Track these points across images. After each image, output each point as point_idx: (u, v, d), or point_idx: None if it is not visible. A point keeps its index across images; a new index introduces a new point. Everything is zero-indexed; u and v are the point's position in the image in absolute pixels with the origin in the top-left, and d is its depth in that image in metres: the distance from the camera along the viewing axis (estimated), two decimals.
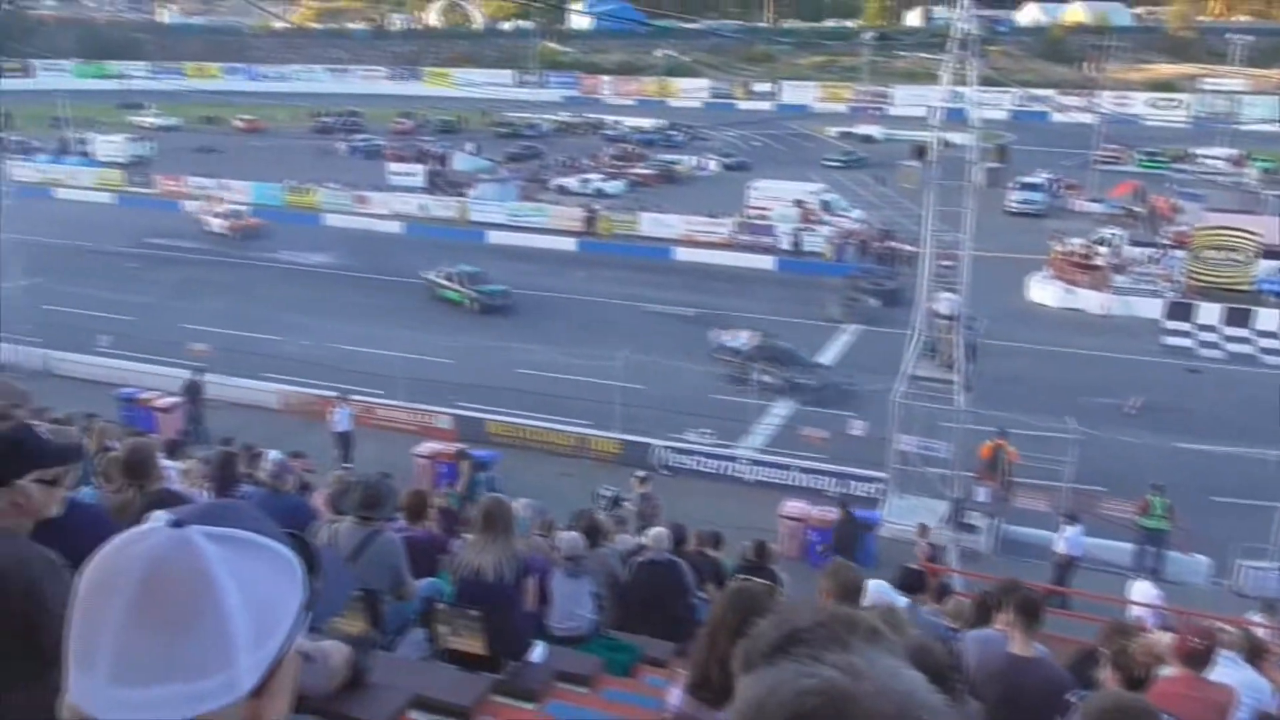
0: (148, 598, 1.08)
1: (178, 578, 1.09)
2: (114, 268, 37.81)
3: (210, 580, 1.09)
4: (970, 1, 18.09)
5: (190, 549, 1.11)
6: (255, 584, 1.13)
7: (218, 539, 1.13)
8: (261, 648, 1.13)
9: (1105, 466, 19.83)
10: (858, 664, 1.02)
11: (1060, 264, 36.27)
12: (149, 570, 1.09)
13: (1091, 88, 79.00)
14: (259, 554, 1.17)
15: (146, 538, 1.13)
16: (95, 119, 69.21)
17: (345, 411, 21.68)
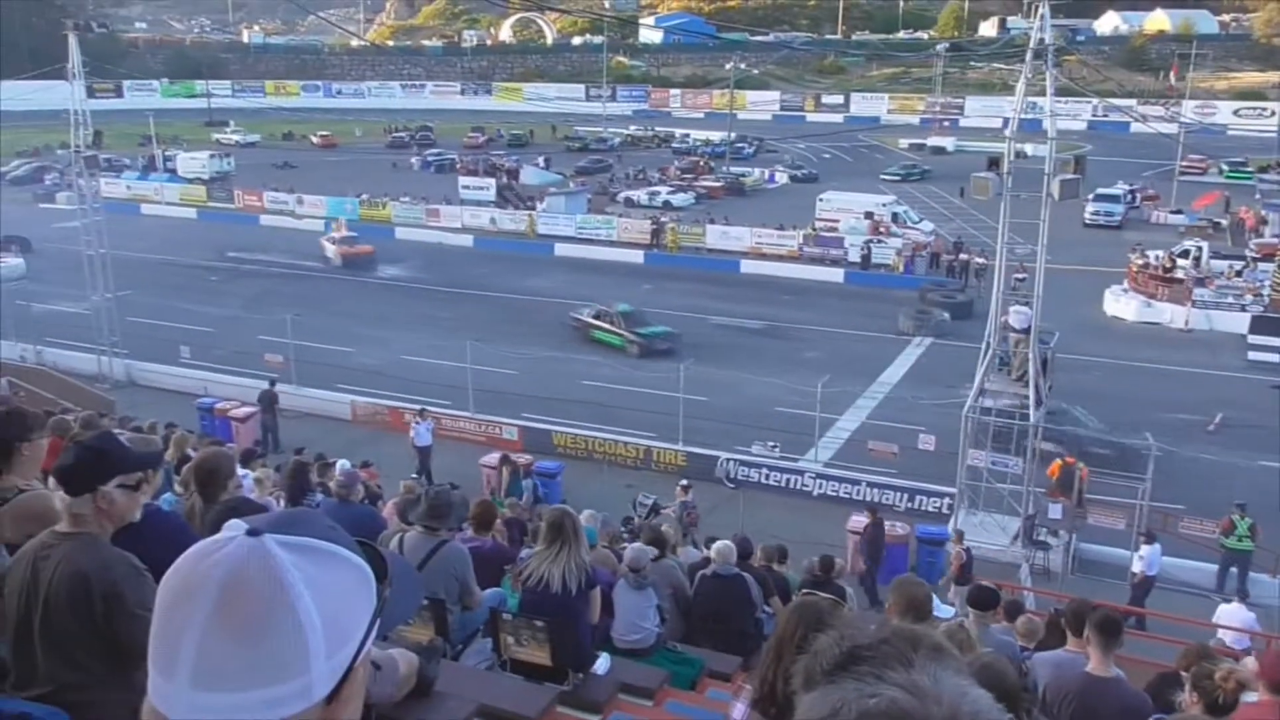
0: (226, 605, 1.11)
1: (255, 586, 1.12)
2: (195, 280, 38.91)
3: (286, 588, 1.12)
4: (1046, 10, 17.76)
5: (267, 557, 1.14)
6: (329, 592, 1.15)
7: (292, 548, 1.16)
8: (336, 655, 1.15)
9: (1186, 485, 19.28)
10: (922, 683, 1.00)
11: (1139, 277, 35.36)
12: (227, 578, 1.12)
13: (1174, 97, 77.08)
14: (332, 562, 1.19)
15: (224, 546, 1.16)
16: (180, 136, 71.44)
17: (426, 425, 21.92)
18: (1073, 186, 18.62)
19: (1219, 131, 71.20)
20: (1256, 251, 37.94)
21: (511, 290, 37.63)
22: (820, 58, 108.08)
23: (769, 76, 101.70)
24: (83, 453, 2.94)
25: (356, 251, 42.01)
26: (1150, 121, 58.13)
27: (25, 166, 62.80)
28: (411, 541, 6.21)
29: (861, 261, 40.40)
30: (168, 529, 3.57)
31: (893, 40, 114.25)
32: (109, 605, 2.81)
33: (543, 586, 6.00)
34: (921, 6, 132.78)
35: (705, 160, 65.57)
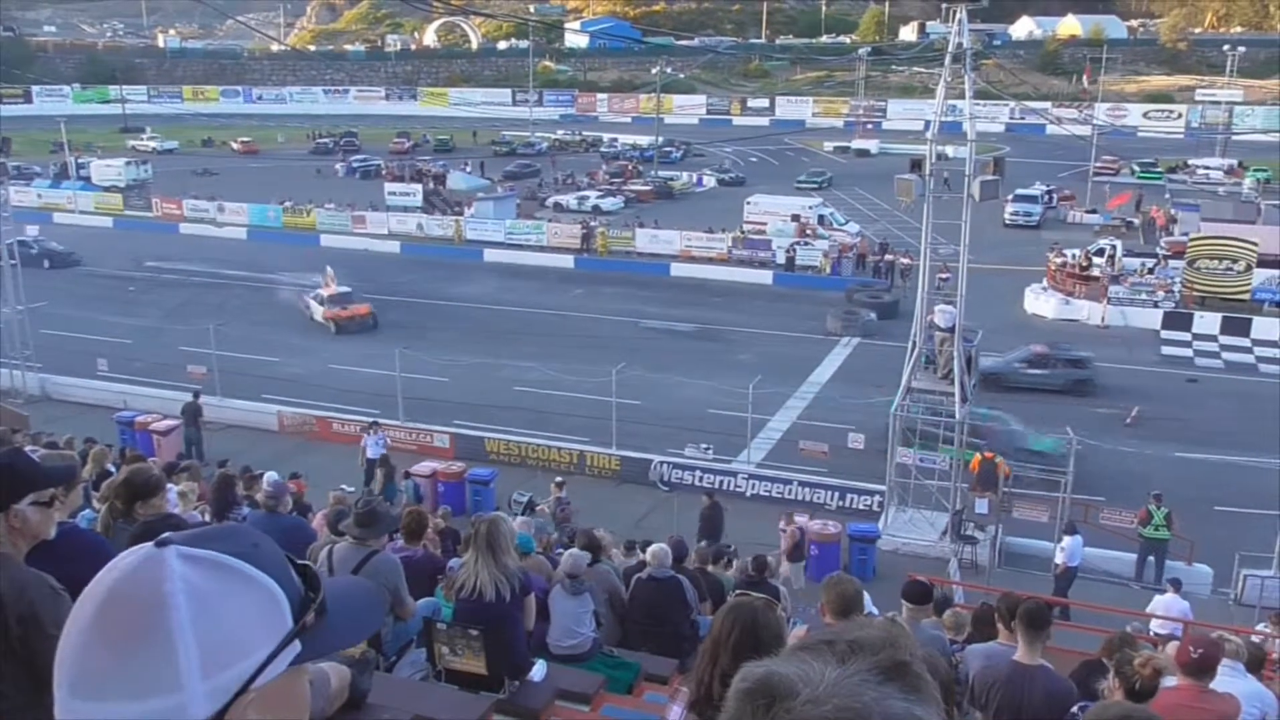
0: (106, 613, 1.08)
1: (135, 594, 1.08)
2: (112, 291, 37.86)
3: (164, 599, 1.07)
4: (964, 15, 18.16)
5: (157, 568, 1.10)
6: (218, 610, 1.10)
7: (195, 561, 1.11)
8: (216, 676, 1.08)
9: (1105, 477, 19.83)
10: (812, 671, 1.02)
11: (1057, 275, 36.34)
12: (113, 585, 1.09)
13: (1087, 99, 79.40)
14: (235, 580, 1.13)
15: (130, 556, 1.13)
16: (94, 143, 69.47)
17: (378, 438, 21.56)
18: (992, 187, 19.05)
19: (1130, 133, 73.58)
20: (1167, 249, 39.23)
21: (441, 296, 37.30)
22: (745, 62, 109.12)
23: (695, 80, 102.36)
24: None
25: (351, 314, 33.05)
26: (1065, 123, 59.92)
27: None
28: (341, 553, 6.12)
29: (788, 263, 40.86)
30: (85, 546, 3.47)
31: (816, 44, 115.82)
32: (25, 628, 2.71)
33: (476, 595, 5.95)
34: (843, 11, 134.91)
35: (634, 164, 65.77)
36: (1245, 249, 33.20)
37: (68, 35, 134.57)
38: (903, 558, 18.15)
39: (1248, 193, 52.68)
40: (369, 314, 33.14)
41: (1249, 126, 73.08)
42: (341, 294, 33.71)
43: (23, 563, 2.87)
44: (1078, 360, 27.72)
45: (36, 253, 37.94)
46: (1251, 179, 57.22)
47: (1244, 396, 27.37)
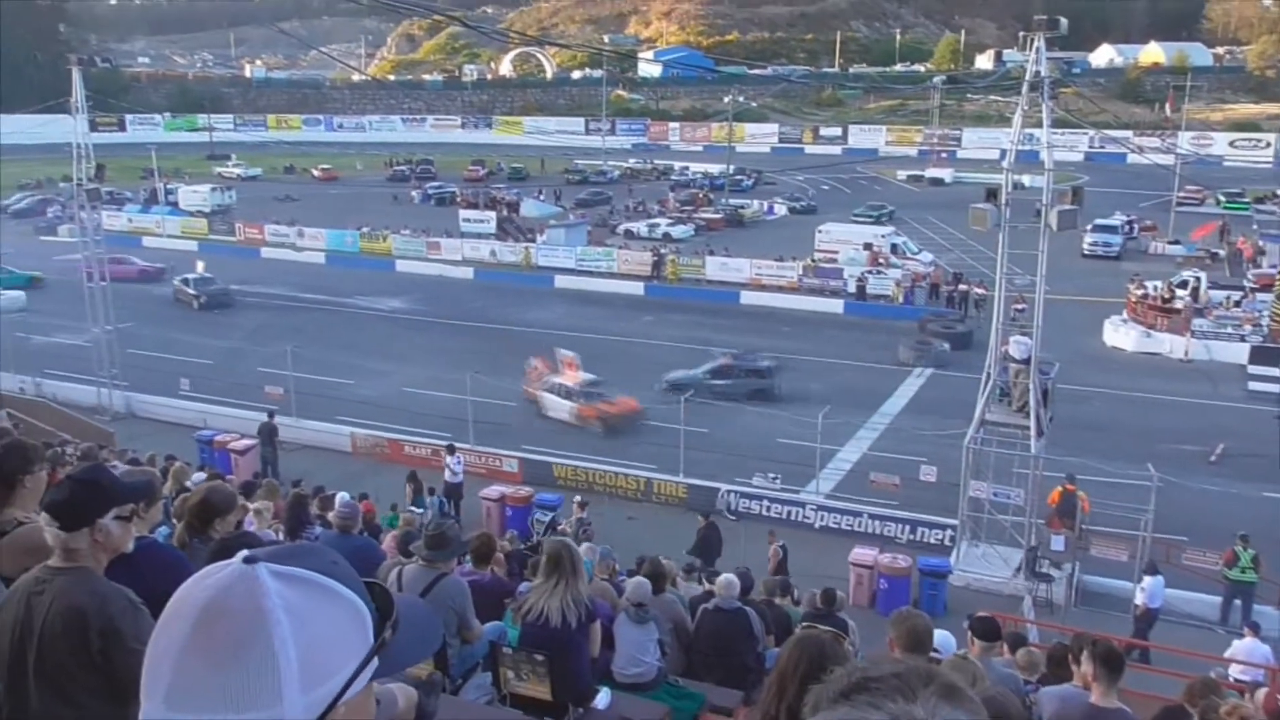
0: (204, 627, 1.10)
1: (234, 610, 1.11)
2: (196, 313, 38.97)
3: (264, 615, 1.11)
4: (1042, 44, 17.91)
5: (253, 584, 1.13)
6: (313, 626, 1.14)
7: (285, 578, 1.15)
8: (313, 690, 1.12)
9: (1188, 516, 19.19)
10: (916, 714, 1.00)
11: (1138, 307, 35.43)
12: (210, 601, 1.12)
13: (1170, 128, 77.59)
14: (325, 597, 1.17)
15: (221, 571, 1.16)
16: (182, 170, 71.83)
17: (458, 461, 21.63)
18: (1070, 217, 18.68)
19: (1215, 163, 71.62)
20: (1254, 282, 38.02)
21: (511, 322, 37.68)
22: (818, 90, 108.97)
23: (768, 109, 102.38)
24: (77, 486, 2.92)
25: (620, 410, 26.41)
26: (1147, 152, 58.52)
27: (27, 199, 63.14)
28: (411, 574, 6.18)
29: (860, 292, 40.50)
30: (165, 561, 3.55)
31: (890, 73, 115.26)
32: (106, 640, 2.78)
33: (542, 620, 5.96)
34: (918, 39, 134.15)
35: (704, 192, 65.92)
36: None
37: (160, 66, 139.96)
38: (974, 594, 17.75)
39: None
40: (638, 410, 26.38)
41: None
42: (591, 383, 27.44)
43: (103, 576, 2.95)
44: (759, 370, 29.54)
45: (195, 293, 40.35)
46: None
47: None
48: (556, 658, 5.79)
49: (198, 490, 5.71)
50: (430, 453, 24.38)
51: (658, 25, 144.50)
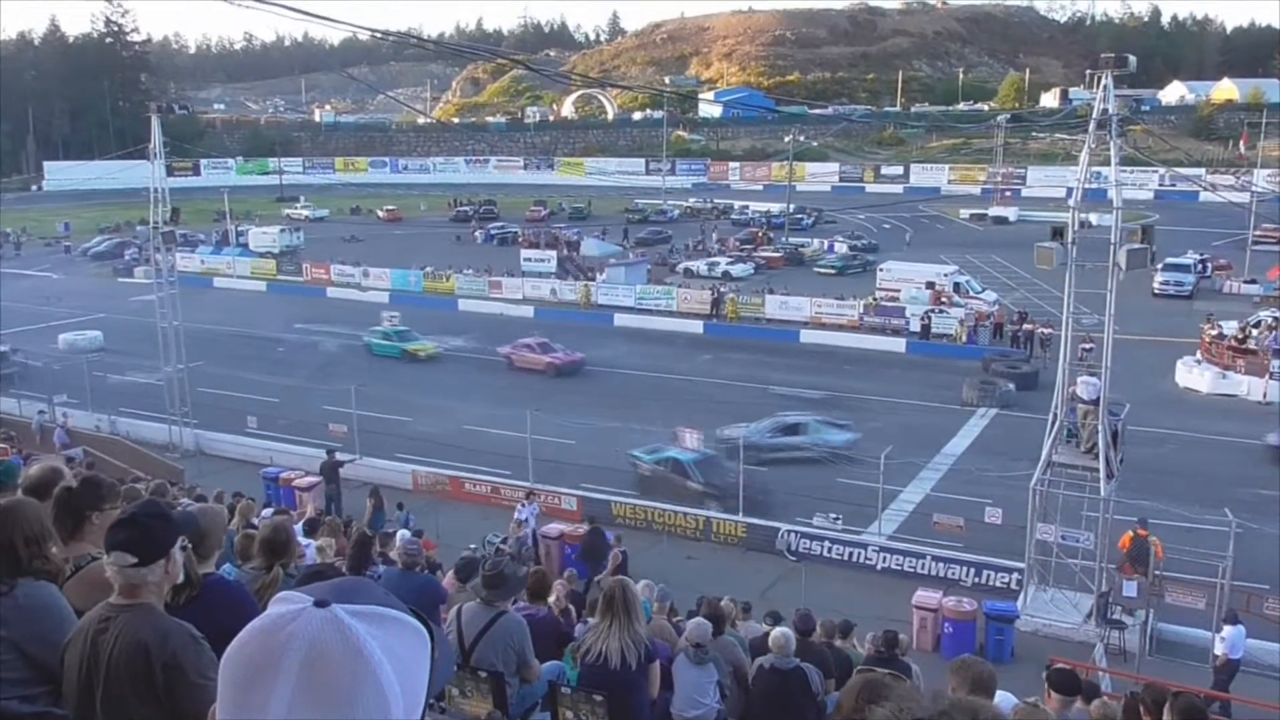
0: (311, 677, 1.14)
1: (337, 657, 1.15)
2: (264, 351, 39.81)
3: (367, 658, 1.16)
4: (1109, 81, 17.68)
5: (343, 629, 1.17)
6: (401, 658, 1.20)
7: (364, 617, 1.20)
8: (412, 715, 1.20)
9: (1269, 563, 18.50)
10: None
11: (1212, 348, 34.52)
12: (310, 650, 1.15)
13: (1244, 165, 75.96)
14: (398, 628, 1.23)
15: (298, 618, 1.18)
16: (253, 212, 73.81)
17: (531, 509, 21.22)
18: (1140, 256, 18.30)
19: None
20: None
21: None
22: (880, 129, 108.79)
23: (828, 149, 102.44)
24: (149, 520, 2.98)
25: None
26: (1220, 190, 57.27)
27: (106, 242, 65.28)
28: (469, 613, 6.19)
29: (923, 331, 40.07)
30: (229, 598, 3.60)
31: (953, 112, 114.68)
32: (169, 675, 2.82)
33: (602, 661, 5.92)
34: (981, 78, 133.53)
35: (764, 231, 65.98)
36: None
37: (234, 112, 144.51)
38: (1043, 640, 17.29)
39: None
40: None
41: None
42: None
43: (164, 611, 2.99)
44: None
45: None
46: None
47: None
48: (616, 698, 5.75)
49: (266, 527, 5.80)
50: (490, 490, 24.52)
51: (718, 66, 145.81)
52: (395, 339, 39.31)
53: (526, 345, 37.33)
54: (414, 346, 38.96)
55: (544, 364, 36.15)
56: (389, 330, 39.97)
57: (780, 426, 26.79)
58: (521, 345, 37.40)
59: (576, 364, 36.51)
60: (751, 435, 25.07)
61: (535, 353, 36.74)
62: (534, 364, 36.21)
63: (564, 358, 36.60)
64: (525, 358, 36.75)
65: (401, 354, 38.53)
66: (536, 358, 36.49)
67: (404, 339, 39.36)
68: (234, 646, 1.20)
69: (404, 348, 38.78)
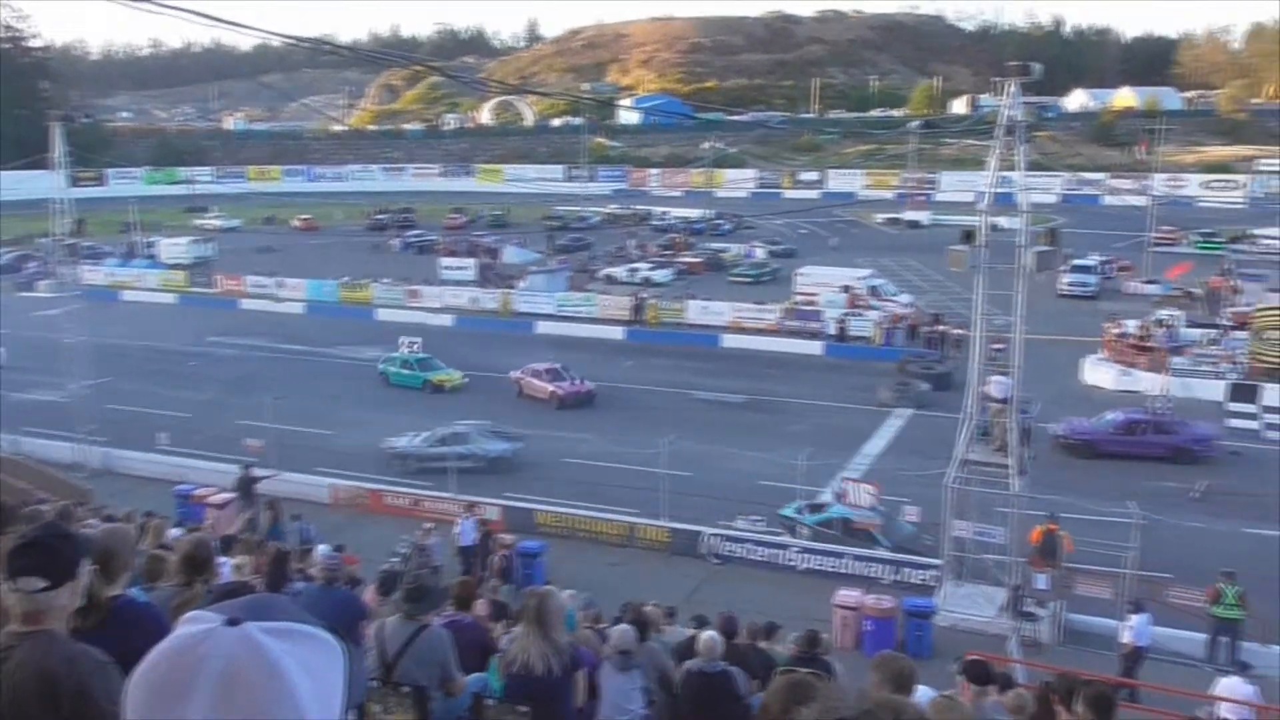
0: (228, 696, 1.12)
1: (253, 675, 1.13)
2: (174, 366, 38.77)
3: (283, 675, 1.14)
4: (1016, 89, 18.22)
5: (257, 646, 1.16)
6: (316, 672, 1.19)
7: (275, 633, 1.18)
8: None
9: (1172, 553, 19.24)
10: None
11: (1116, 346, 35.75)
12: (224, 670, 1.13)
13: (1144, 170, 78.80)
14: (313, 643, 1.22)
15: (209, 637, 1.17)
16: (162, 223, 71.79)
17: (471, 522, 20.95)
18: (1049, 258, 18.90)
19: (1188, 204, 72.70)
20: (1231, 319, 38.46)
21: (492, 368, 37.62)
22: (796, 136, 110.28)
23: (746, 155, 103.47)
24: (55, 541, 2.90)
25: None
26: (1121, 194, 59.33)
27: (6, 255, 62.85)
28: (391, 627, 6.12)
29: (840, 334, 40.74)
30: (142, 619, 3.52)
31: (867, 118, 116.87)
32: (77, 703, 2.74)
33: (525, 671, 5.91)
34: (893, 85, 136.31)
35: (684, 236, 66.45)
36: None
37: (141, 120, 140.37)
38: (960, 634, 17.69)
39: None
40: None
41: None
42: None
43: (69, 637, 2.90)
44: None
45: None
46: None
47: None
48: (541, 708, 5.74)
49: (185, 543, 5.67)
50: (411, 502, 24.24)
51: (637, 73, 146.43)
52: (416, 367, 35.54)
53: (534, 371, 34.07)
54: (439, 377, 35.16)
55: (546, 393, 32.97)
56: (408, 357, 35.99)
57: (439, 437, 26.84)
58: (530, 370, 34.17)
59: (583, 395, 32.97)
60: (411, 445, 26.76)
61: (542, 380, 33.49)
62: (539, 392, 33.22)
63: (568, 388, 33.01)
64: (533, 385, 33.63)
65: (423, 384, 34.89)
66: (542, 385, 33.31)
67: (426, 368, 35.60)
68: (143, 669, 1.17)
69: (426, 377, 35.10)
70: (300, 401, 30.55)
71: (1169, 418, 28.57)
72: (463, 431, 26.91)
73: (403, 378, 35.43)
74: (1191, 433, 27.95)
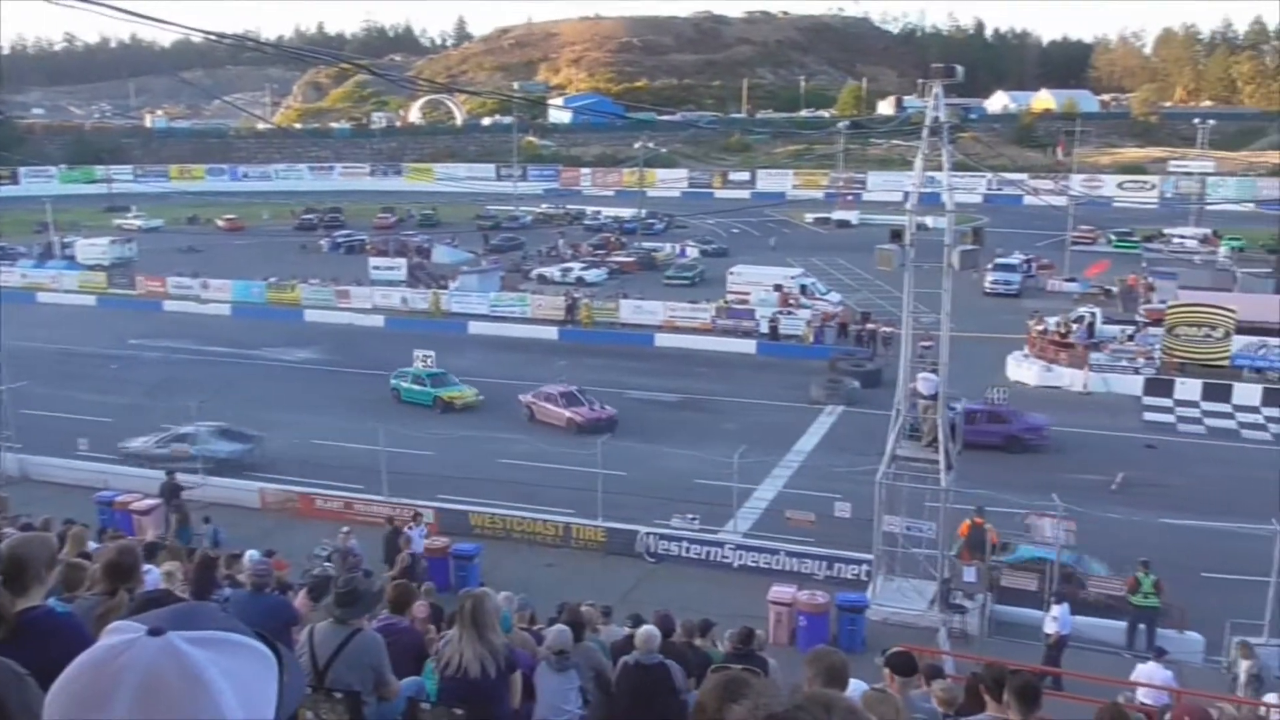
0: (148, 707, 1.08)
1: (172, 685, 1.10)
2: (95, 369, 37.69)
3: (206, 685, 1.10)
4: (940, 90, 18.55)
5: (180, 656, 1.12)
6: (244, 682, 1.15)
7: (201, 642, 1.14)
8: None
9: (1093, 544, 19.75)
10: None
11: (1038, 342, 36.67)
12: (144, 681, 1.10)
13: (1062, 171, 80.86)
14: (241, 652, 1.18)
15: (129, 648, 1.13)
16: (80, 223, 69.75)
17: (420, 530, 20.52)
18: (972, 257, 19.28)
19: (1105, 204, 74.76)
20: (1146, 316, 39.69)
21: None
22: (726, 136, 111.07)
23: (677, 155, 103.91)
24: None
25: None
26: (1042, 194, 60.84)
27: None
28: (322, 632, 6.03)
29: (772, 333, 41.13)
30: (60, 630, 3.41)
31: (796, 119, 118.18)
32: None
33: (461, 673, 5.86)
34: (822, 86, 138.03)
35: (617, 236, 66.49)
36: (1224, 316, 33.60)
37: (56, 117, 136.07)
38: (892, 628, 17.96)
39: (1223, 261, 53.51)
40: None
41: (1221, 197, 74.55)
42: None
43: None
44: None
45: None
46: (1227, 248, 58.14)
47: (1226, 462, 27.51)
48: (476, 710, 5.70)
49: (110, 551, 5.51)
50: (344, 505, 23.88)
51: (567, 72, 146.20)
52: (427, 383, 33.04)
53: (548, 395, 31.22)
54: (449, 394, 32.72)
55: (564, 420, 30.19)
56: (421, 372, 33.56)
57: (172, 436, 26.67)
58: (543, 394, 31.36)
59: (604, 422, 29.74)
60: (143, 446, 26.66)
61: (557, 405, 30.64)
62: (554, 418, 30.45)
63: (587, 414, 30.13)
64: (547, 410, 30.88)
65: (434, 401, 32.46)
66: (557, 411, 30.52)
67: (438, 383, 33.10)
68: (62, 681, 1.14)
69: (436, 394, 32.59)
70: (227, 405, 29.88)
71: (1005, 408, 29.52)
72: (191, 432, 26.29)
73: (413, 394, 33.05)
74: (1024, 423, 28.91)
